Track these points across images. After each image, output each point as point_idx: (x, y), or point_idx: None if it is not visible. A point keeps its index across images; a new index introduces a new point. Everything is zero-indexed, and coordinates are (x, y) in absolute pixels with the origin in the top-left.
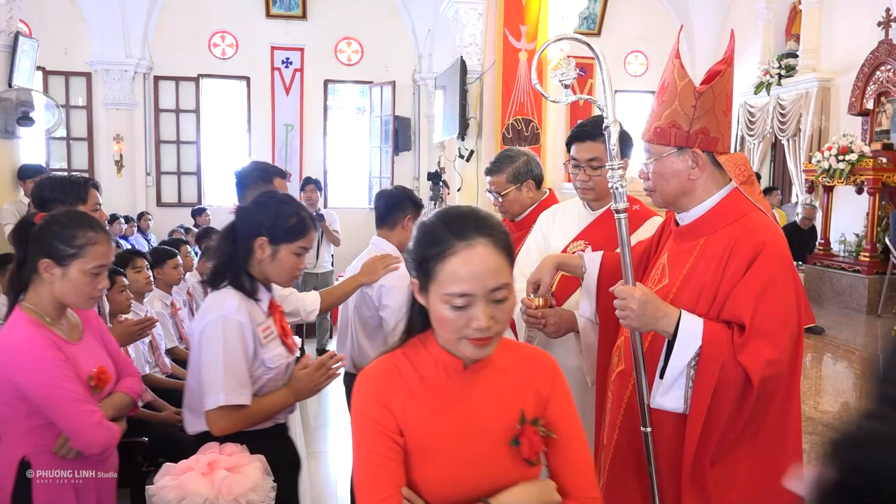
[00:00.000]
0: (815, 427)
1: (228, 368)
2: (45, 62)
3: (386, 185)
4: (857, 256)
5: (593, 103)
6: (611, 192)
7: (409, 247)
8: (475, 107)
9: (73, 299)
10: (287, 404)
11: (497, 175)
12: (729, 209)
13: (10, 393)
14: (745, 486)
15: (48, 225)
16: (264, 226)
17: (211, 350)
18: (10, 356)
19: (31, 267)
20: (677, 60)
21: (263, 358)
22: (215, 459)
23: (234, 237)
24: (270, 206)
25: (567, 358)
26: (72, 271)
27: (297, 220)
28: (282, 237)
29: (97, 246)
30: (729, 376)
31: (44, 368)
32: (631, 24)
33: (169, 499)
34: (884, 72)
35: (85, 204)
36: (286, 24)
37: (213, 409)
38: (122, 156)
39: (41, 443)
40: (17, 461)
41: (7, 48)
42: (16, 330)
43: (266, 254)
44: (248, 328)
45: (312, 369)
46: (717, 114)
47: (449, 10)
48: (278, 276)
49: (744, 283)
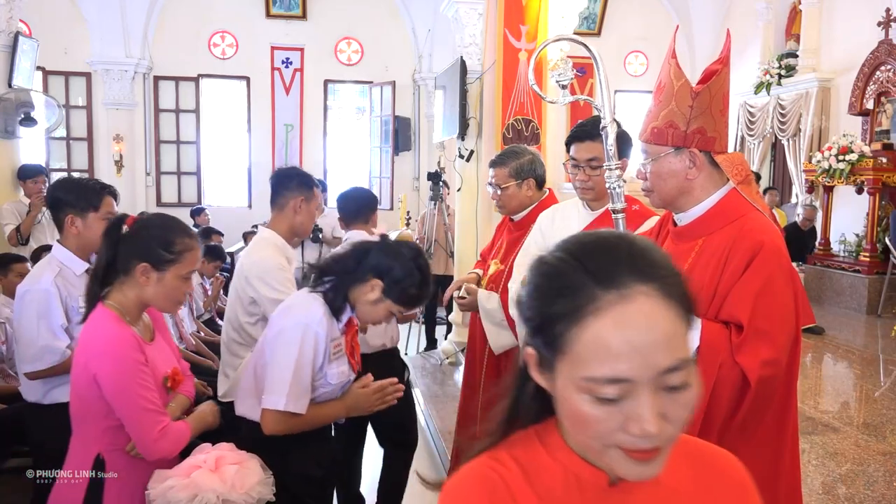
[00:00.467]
0: (815, 427)
1: (296, 376)
2: (45, 62)
3: (386, 185)
4: (857, 256)
5: (591, 104)
6: (608, 192)
7: (520, 296)
8: (475, 107)
9: (162, 303)
10: (336, 417)
11: (500, 167)
12: (727, 209)
13: (89, 389)
14: None
15: (145, 229)
16: (385, 273)
17: (285, 353)
18: (96, 352)
19: (122, 268)
20: (673, 61)
21: (326, 373)
22: (222, 455)
23: (361, 261)
24: (405, 261)
25: None
26: (168, 277)
27: (417, 293)
28: (394, 294)
29: (193, 252)
30: (727, 376)
31: (124, 370)
32: (631, 24)
33: (179, 498)
34: (884, 72)
35: (97, 211)
36: (286, 24)
37: (271, 409)
38: (122, 156)
39: (115, 441)
40: (93, 457)
41: (7, 48)
42: (102, 326)
43: (373, 296)
44: (323, 342)
45: (371, 391)
46: (713, 113)
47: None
48: (366, 316)
49: (742, 283)
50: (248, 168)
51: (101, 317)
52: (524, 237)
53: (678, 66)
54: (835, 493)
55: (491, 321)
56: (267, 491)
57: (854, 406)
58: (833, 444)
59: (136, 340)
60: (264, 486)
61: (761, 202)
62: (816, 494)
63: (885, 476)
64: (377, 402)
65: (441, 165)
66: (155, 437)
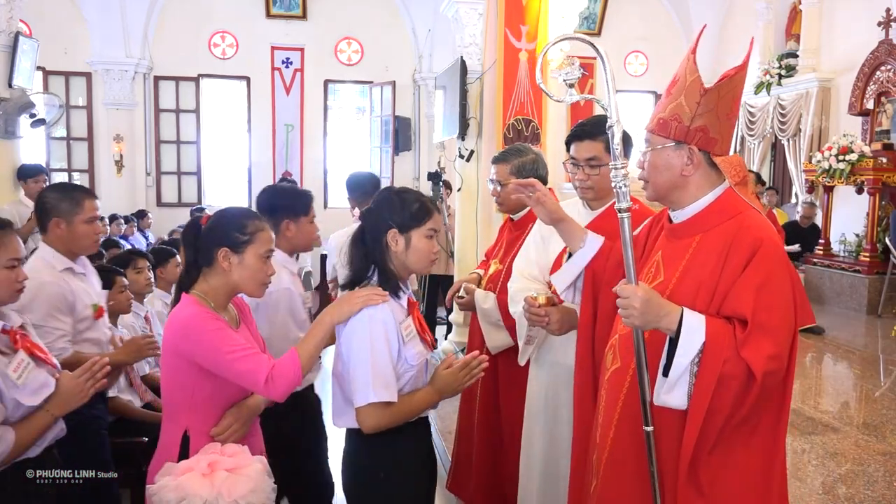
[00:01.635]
0: (815, 427)
1: (376, 366)
2: (45, 62)
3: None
4: (857, 256)
5: (597, 103)
6: (614, 191)
7: None
8: (475, 107)
9: (249, 285)
10: (431, 403)
11: (502, 164)
12: (724, 207)
13: (180, 369)
14: (741, 479)
15: (218, 219)
16: (391, 218)
17: (359, 349)
18: (181, 327)
19: (204, 261)
20: (692, 56)
21: (406, 356)
22: (216, 460)
23: (364, 239)
24: (391, 198)
25: (567, 356)
26: (247, 257)
27: (420, 204)
28: (410, 223)
29: (265, 232)
30: (731, 372)
31: (206, 333)
32: (631, 24)
33: (168, 499)
34: (884, 72)
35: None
36: (286, 24)
37: (363, 405)
38: (122, 156)
39: (202, 421)
40: (181, 434)
41: (7, 48)
42: (182, 309)
43: (400, 245)
44: (393, 326)
45: (456, 369)
46: (719, 115)
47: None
48: (417, 262)
49: (743, 278)
50: (249, 168)
51: (183, 302)
52: (523, 237)
53: (695, 62)
54: (835, 493)
55: (487, 321)
56: (262, 499)
57: (854, 406)
58: (833, 444)
59: (214, 315)
60: (260, 494)
61: (757, 203)
62: (816, 494)
63: (885, 476)
64: (466, 378)
65: (441, 165)
66: (265, 378)
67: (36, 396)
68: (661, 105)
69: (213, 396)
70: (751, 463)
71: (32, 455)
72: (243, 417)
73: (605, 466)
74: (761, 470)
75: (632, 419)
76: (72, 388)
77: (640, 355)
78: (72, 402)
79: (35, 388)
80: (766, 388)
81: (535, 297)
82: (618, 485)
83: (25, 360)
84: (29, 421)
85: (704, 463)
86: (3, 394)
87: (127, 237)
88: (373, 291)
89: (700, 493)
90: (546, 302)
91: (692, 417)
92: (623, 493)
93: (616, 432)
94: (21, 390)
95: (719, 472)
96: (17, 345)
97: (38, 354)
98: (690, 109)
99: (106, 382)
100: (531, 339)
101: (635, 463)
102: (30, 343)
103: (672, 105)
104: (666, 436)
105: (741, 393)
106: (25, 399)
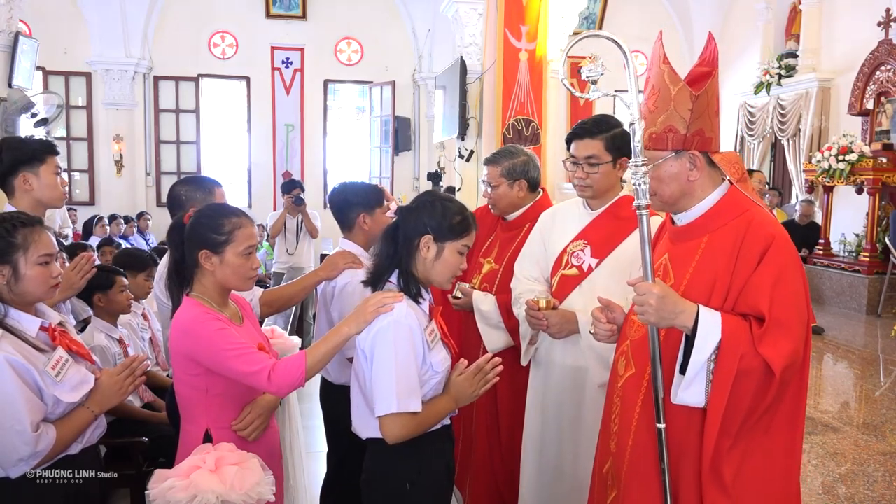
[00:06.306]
0: (815, 427)
1: (400, 375)
2: (45, 62)
3: (386, 186)
4: (857, 256)
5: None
6: (633, 188)
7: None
8: (475, 107)
9: (234, 281)
10: (449, 410)
11: (493, 166)
12: (730, 206)
13: (188, 370)
14: (762, 475)
15: (196, 220)
16: (430, 223)
17: (383, 356)
18: (184, 330)
19: (191, 262)
20: (666, 66)
21: (431, 362)
22: (222, 456)
23: (396, 237)
24: (435, 205)
25: (566, 358)
26: (227, 256)
27: (462, 218)
28: (447, 234)
29: (243, 229)
30: (748, 367)
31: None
32: (631, 24)
33: (179, 498)
34: (884, 72)
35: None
36: (286, 24)
37: (386, 415)
38: (122, 156)
39: (221, 418)
40: (203, 433)
41: (7, 48)
42: (184, 311)
43: (431, 253)
44: (418, 333)
45: (470, 374)
46: (710, 114)
47: (449, 10)
48: (441, 274)
49: (758, 274)
50: (248, 168)
51: (184, 305)
52: (518, 237)
53: (672, 70)
54: (835, 493)
55: (486, 322)
56: (267, 491)
57: (854, 406)
58: (833, 444)
59: (215, 314)
60: (264, 486)
61: (759, 199)
62: (816, 494)
63: (885, 476)
64: (480, 384)
65: (441, 165)
66: (266, 376)
67: (75, 393)
68: (648, 119)
69: (227, 392)
70: (770, 455)
71: (73, 452)
72: (263, 412)
73: (627, 474)
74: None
75: (652, 425)
76: (111, 385)
77: (655, 352)
78: (112, 399)
79: (74, 385)
80: (783, 383)
81: (536, 301)
82: (643, 491)
83: (64, 357)
84: (69, 418)
85: (727, 459)
86: (42, 391)
87: (127, 237)
88: (383, 296)
89: (725, 492)
90: (546, 305)
91: (711, 414)
92: (648, 498)
93: (635, 439)
94: (60, 387)
95: (742, 467)
96: (56, 341)
97: (78, 351)
98: (685, 117)
99: (145, 379)
100: (534, 338)
101: (658, 468)
102: (69, 340)
103: (662, 117)
104: (686, 436)
105: (760, 388)
106: (65, 396)
